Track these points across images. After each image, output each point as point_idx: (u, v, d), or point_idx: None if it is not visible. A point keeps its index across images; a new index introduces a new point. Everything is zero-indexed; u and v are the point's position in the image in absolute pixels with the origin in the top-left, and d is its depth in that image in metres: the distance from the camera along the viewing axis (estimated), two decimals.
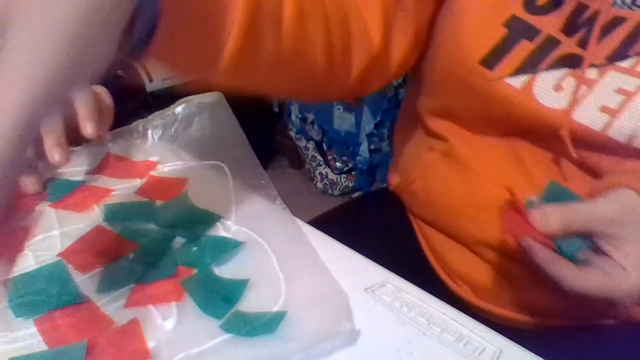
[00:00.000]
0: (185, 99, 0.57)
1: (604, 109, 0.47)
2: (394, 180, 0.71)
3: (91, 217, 0.46)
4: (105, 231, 0.44)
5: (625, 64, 0.47)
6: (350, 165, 1.98)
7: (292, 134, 2.10)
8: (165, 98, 0.59)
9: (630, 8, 0.48)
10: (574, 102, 0.48)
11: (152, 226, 0.45)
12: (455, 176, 0.59)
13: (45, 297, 0.37)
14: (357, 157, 1.94)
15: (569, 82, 0.49)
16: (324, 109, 1.89)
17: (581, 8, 0.49)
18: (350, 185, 2.00)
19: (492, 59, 0.51)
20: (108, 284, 0.39)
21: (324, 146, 2.01)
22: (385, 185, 0.76)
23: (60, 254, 0.41)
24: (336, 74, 0.51)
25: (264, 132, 2.15)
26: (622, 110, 0.47)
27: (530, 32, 0.50)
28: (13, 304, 0.36)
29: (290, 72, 0.48)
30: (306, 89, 0.53)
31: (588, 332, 0.54)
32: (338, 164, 1.99)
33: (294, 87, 0.51)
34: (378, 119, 1.91)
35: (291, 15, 0.43)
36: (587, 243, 0.42)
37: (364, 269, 0.42)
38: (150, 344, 0.34)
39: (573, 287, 0.40)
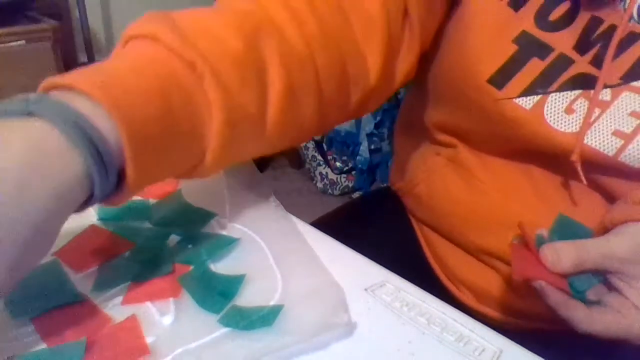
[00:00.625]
0: None
1: (616, 133, 0.45)
2: (396, 181, 0.70)
3: (85, 217, 0.46)
4: (99, 230, 0.44)
5: (639, 83, 0.45)
6: (350, 165, 1.99)
7: None
8: None
9: None
10: (586, 125, 0.46)
11: (146, 224, 0.46)
12: (461, 183, 0.58)
13: (43, 296, 0.37)
14: (357, 157, 1.95)
15: (581, 104, 0.47)
16: None
17: (596, 22, 0.47)
18: (350, 185, 2.00)
19: (501, 78, 0.49)
20: (104, 282, 0.39)
21: (324, 146, 2.01)
22: (385, 185, 0.75)
23: (55, 254, 0.41)
24: (330, 116, 0.48)
25: None
26: (635, 135, 0.45)
27: (541, 49, 0.48)
28: (10, 304, 0.36)
29: (279, 139, 0.45)
30: (301, 137, 0.50)
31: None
32: (338, 164, 1.99)
33: (286, 143, 0.47)
34: (378, 118, 1.92)
35: (277, 102, 0.41)
36: (600, 278, 0.42)
37: (364, 269, 0.43)
38: (149, 340, 0.34)
39: (586, 331, 0.40)
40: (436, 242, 0.63)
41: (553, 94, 0.47)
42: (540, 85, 0.48)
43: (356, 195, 2.02)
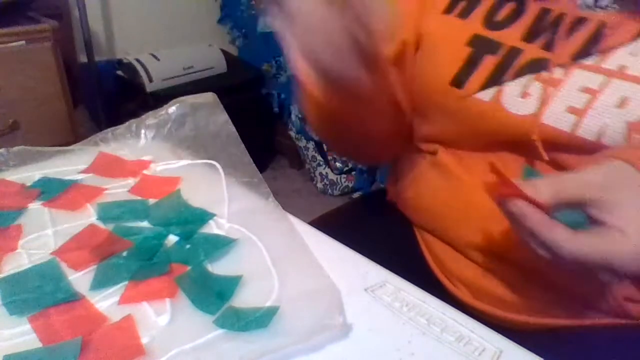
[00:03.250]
0: (178, 99, 0.57)
1: (570, 110, 0.48)
2: (391, 187, 0.73)
3: (84, 216, 0.46)
4: (98, 229, 0.44)
5: (589, 61, 0.48)
6: (350, 165, 1.99)
7: (292, 134, 2.10)
8: (165, 98, 0.59)
9: (593, 10, 0.49)
10: (542, 105, 0.49)
11: (145, 224, 0.46)
12: (442, 183, 0.60)
13: (39, 294, 0.37)
14: None
15: (535, 87, 0.50)
16: None
17: (545, 12, 0.51)
18: (350, 185, 2.00)
19: (461, 78, 0.54)
20: (101, 281, 0.39)
21: (324, 146, 2.01)
22: (385, 185, 0.76)
23: (53, 252, 0.41)
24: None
25: (264, 132, 2.16)
26: (588, 109, 0.47)
27: (492, 46, 0.53)
28: (7, 302, 0.36)
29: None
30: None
31: (588, 333, 0.54)
32: (338, 164, 1.99)
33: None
34: None
35: None
36: (582, 216, 0.40)
37: (364, 269, 0.43)
38: (144, 340, 0.34)
39: (568, 250, 0.37)
40: (430, 240, 0.65)
41: (508, 83, 0.51)
42: (496, 78, 0.52)
43: (356, 195, 2.02)
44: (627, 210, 0.38)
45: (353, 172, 2.01)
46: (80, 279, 0.39)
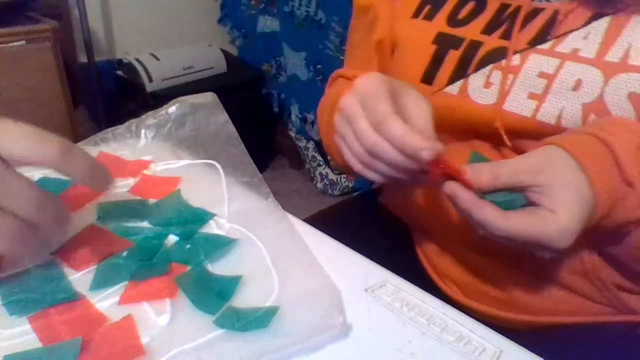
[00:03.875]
0: (178, 98, 0.57)
1: (530, 96, 0.50)
2: (381, 193, 0.75)
3: (85, 216, 0.46)
4: (98, 229, 0.44)
5: (545, 46, 0.50)
6: None
7: (292, 134, 2.10)
8: (165, 98, 0.59)
9: (548, 0, 0.52)
10: (503, 93, 0.51)
11: (145, 224, 0.46)
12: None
13: (40, 294, 0.37)
14: None
15: (496, 76, 0.52)
16: None
17: (504, 7, 0.54)
18: (350, 185, 2.00)
19: (429, 75, 0.57)
20: (102, 281, 0.39)
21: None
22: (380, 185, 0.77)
23: (54, 252, 0.41)
24: None
25: (264, 132, 2.16)
26: (546, 94, 0.49)
27: (455, 42, 0.56)
28: (6, 302, 0.36)
29: None
30: None
31: (587, 332, 0.54)
32: None
33: None
34: None
35: None
36: (521, 197, 0.42)
37: (364, 269, 0.43)
38: (144, 340, 0.34)
39: (499, 228, 0.39)
40: (421, 239, 0.67)
41: (472, 76, 0.54)
42: (460, 71, 0.55)
43: (355, 195, 2.02)
44: (558, 190, 0.40)
45: None
46: (80, 279, 0.39)
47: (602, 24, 0.48)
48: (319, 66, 1.91)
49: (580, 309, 0.54)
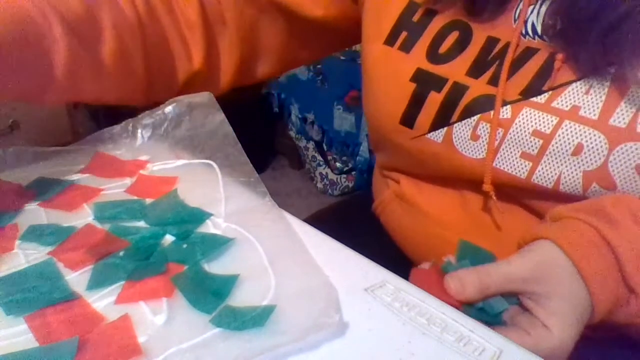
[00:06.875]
0: (175, 98, 0.57)
1: (524, 156, 0.45)
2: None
3: (81, 216, 0.46)
4: (95, 229, 0.44)
5: (539, 99, 0.44)
6: (350, 165, 1.99)
7: (292, 134, 2.10)
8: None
9: (541, 38, 0.46)
10: (492, 150, 0.46)
11: (142, 224, 0.46)
12: (405, 214, 0.60)
13: (36, 294, 0.37)
14: (357, 157, 1.95)
15: (483, 129, 0.47)
16: (324, 109, 1.90)
17: (492, 42, 0.48)
18: (350, 185, 2.00)
19: (409, 117, 0.51)
20: (98, 281, 0.39)
21: (324, 146, 2.01)
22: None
23: (50, 252, 0.41)
24: (159, 83, 0.60)
25: (264, 132, 2.16)
26: (541, 156, 0.44)
27: (437, 82, 0.49)
28: (3, 302, 0.36)
29: (114, 86, 0.56)
30: (134, 95, 0.60)
31: (586, 332, 0.54)
32: (338, 164, 1.99)
33: (121, 93, 0.58)
34: None
35: (109, 57, 0.53)
36: (514, 300, 0.41)
37: (364, 269, 0.42)
38: (141, 339, 0.34)
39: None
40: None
41: (457, 124, 0.48)
42: (443, 117, 0.49)
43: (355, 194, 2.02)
44: (554, 303, 0.38)
45: (353, 172, 2.01)
46: (76, 279, 0.39)
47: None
48: (319, 66, 1.91)
49: None
